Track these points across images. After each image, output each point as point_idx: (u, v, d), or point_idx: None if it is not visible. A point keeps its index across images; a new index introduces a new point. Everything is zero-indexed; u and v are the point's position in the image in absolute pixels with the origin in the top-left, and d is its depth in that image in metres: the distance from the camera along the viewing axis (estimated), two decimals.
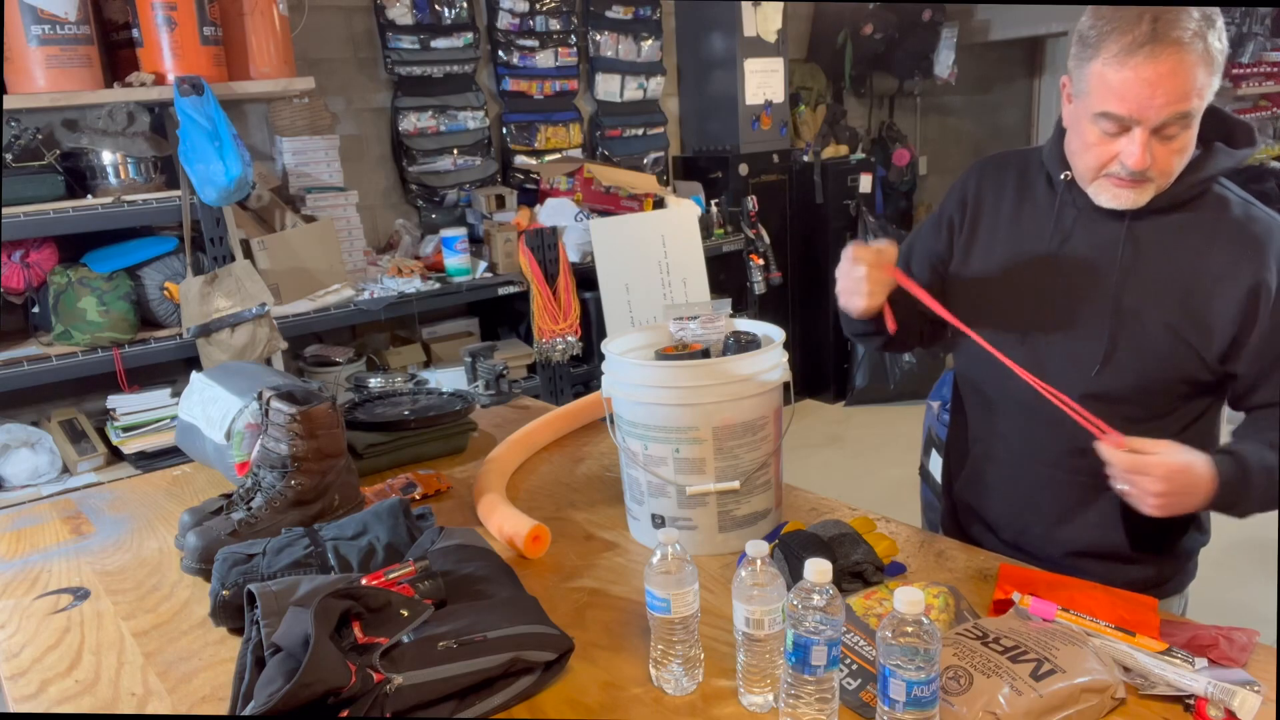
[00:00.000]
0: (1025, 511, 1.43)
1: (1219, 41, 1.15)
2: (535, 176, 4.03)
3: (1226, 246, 1.25)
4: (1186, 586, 1.45)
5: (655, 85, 4.44)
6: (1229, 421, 1.37)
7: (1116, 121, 1.19)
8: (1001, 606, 1.16)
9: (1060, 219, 1.34)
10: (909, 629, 0.88)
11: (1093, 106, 1.20)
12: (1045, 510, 1.40)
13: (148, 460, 2.74)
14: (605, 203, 3.89)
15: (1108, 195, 1.25)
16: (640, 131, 4.46)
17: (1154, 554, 1.38)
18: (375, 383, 2.74)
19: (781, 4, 4.49)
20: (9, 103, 2.54)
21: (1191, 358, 1.26)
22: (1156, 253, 1.27)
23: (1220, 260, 1.25)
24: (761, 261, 4.40)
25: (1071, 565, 1.36)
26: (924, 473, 2.47)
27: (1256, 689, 0.95)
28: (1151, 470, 1.15)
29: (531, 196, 3.99)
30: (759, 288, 4.43)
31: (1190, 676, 0.98)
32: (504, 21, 3.89)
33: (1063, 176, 1.33)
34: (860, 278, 1.30)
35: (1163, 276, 1.27)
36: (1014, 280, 1.37)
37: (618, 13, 4.24)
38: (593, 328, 3.70)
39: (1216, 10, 1.16)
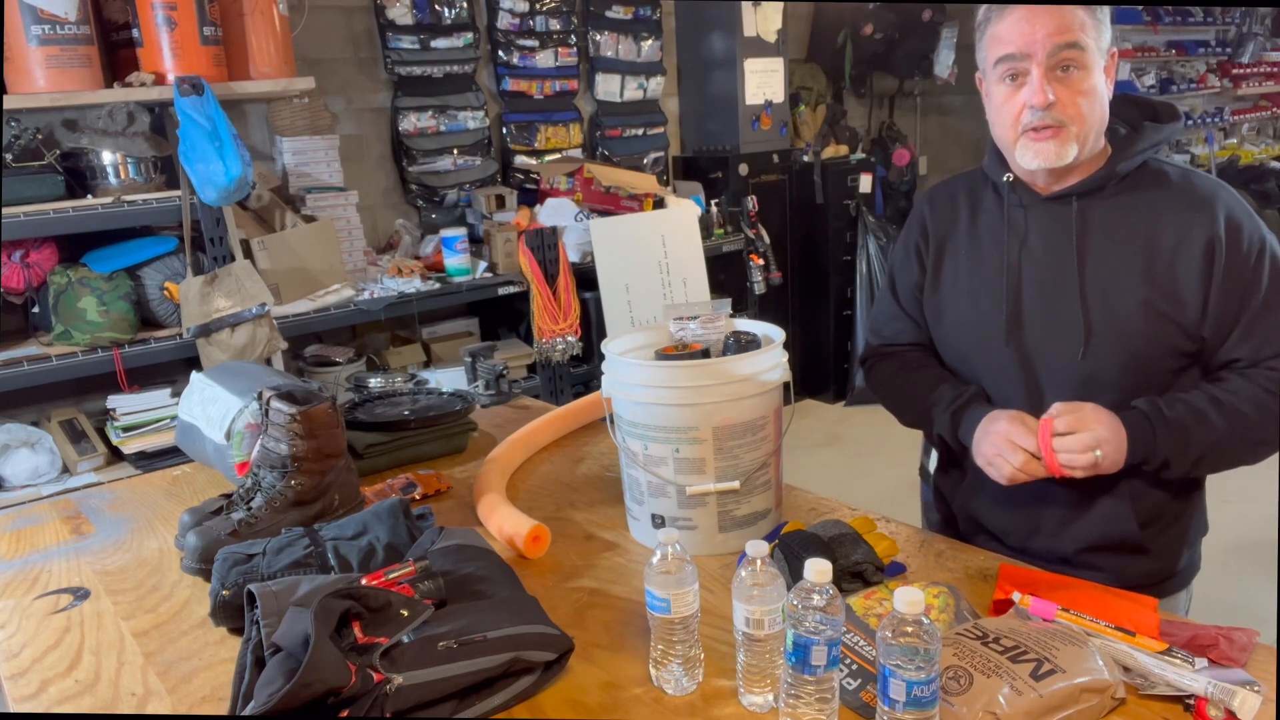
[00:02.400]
0: (1033, 515, 1.42)
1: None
2: (535, 176, 4.03)
3: (1175, 212, 1.29)
4: (1192, 580, 1.46)
5: (655, 85, 4.44)
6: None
7: (1011, 63, 1.25)
8: (1001, 606, 1.16)
9: (1012, 220, 1.37)
10: (909, 629, 0.88)
11: (991, 61, 1.28)
12: (1053, 511, 1.39)
13: (148, 460, 2.74)
14: (605, 203, 3.89)
15: (1031, 153, 1.28)
16: (640, 131, 4.46)
17: (1164, 543, 1.39)
18: (375, 383, 2.74)
19: (781, 4, 4.49)
20: (9, 103, 2.54)
21: (1170, 328, 1.29)
22: (1109, 232, 1.31)
23: (1172, 227, 1.28)
24: (761, 261, 4.40)
25: (1084, 561, 1.37)
26: (924, 472, 2.47)
27: (1256, 689, 0.95)
28: (1087, 415, 1.22)
29: (531, 196, 3.99)
30: (759, 288, 4.43)
31: (1190, 676, 0.98)
32: (504, 21, 3.89)
33: (1005, 179, 1.37)
34: (1016, 468, 1.27)
35: (1121, 254, 1.30)
36: (985, 289, 1.40)
37: (618, 13, 4.24)
38: (593, 328, 3.70)
39: None
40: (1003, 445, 1.28)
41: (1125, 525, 1.36)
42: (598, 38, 4.21)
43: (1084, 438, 1.22)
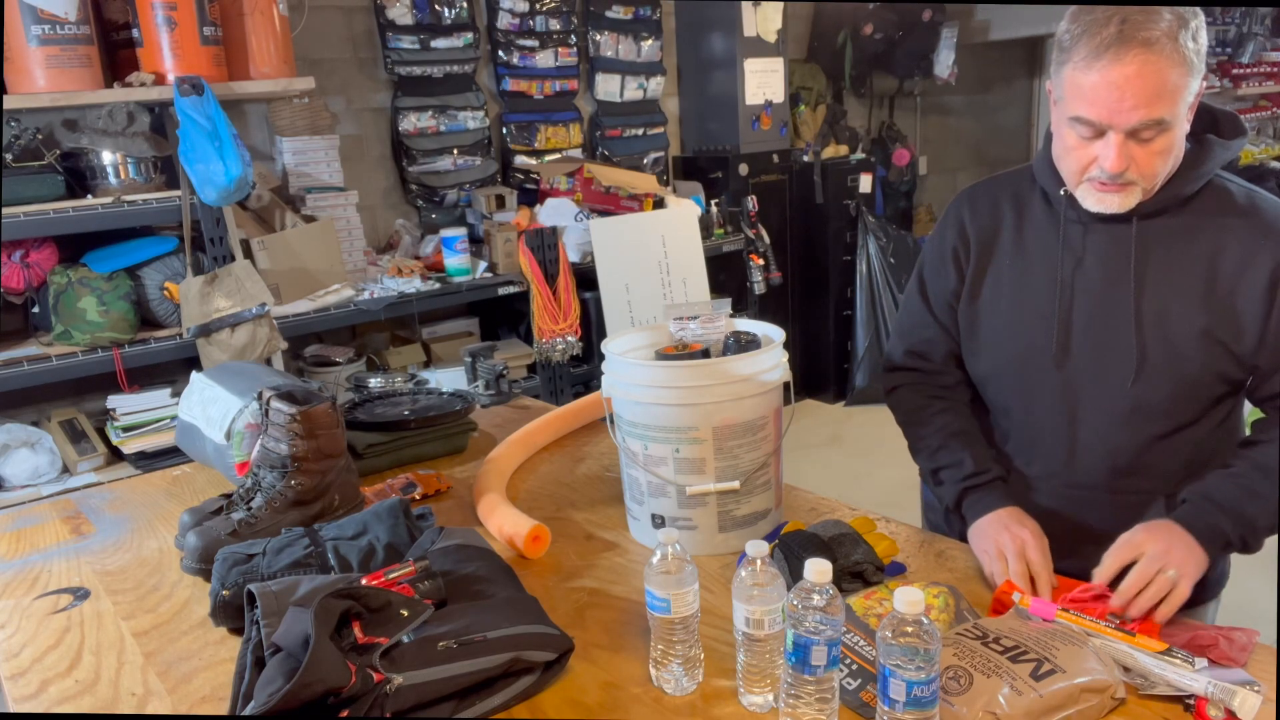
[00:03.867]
0: (1072, 536, 1.32)
1: (1193, 41, 1.12)
2: (535, 176, 4.03)
3: (1240, 236, 1.23)
4: (1221, 591, 1.44)
5: (655, 85, 4.44)
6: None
7: (1090, 126, 1.17)
8: (1001, 607, 1.16)
9: (1067, 238, 1.30)
10: (909, 629, 0.88)
11: (1068, 111, 1.19)
12: (1095, 532, 1.29)
13: (148, 460, 2.74)
14: (605, 203, 3.89)
15: (1093, 199, 1.23)
16: (640, 131, 4.46)
17: None
18: (375, 383, 2.74)
19: (781, 4, 4.49)
20: (9, 103, 2.54)
21: (1224, 355, 1.24)
22: (1170, 254, 1.25)
23: (1236, 251, 1.22)
24: (761, 261, 4.40)
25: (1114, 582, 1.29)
26: (924, 473, 2.45)
27: (1257, 689, 0.95)
28: (1141, 548, 1.15)
29: (531, 196, 3.99)
30: (759, 288, 4.42)
31: (1190, 676, 0.98)
32: (504, 21, 3.89)
33: (1062, 192, 1.29)
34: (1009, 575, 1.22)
35: (1181, 277, 1.24)
36: (1031, 307, 1.33)
37: (618, 13, 4.24)
38: (593, 328, 3.70)
39: (1194, 10, 1.14)
40: (993, 554, 1.25)
41: None
42: (598, 38, 4.21)
43: (1158, 571, 1.13)
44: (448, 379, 2.79)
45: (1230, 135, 1.27)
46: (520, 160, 4.07)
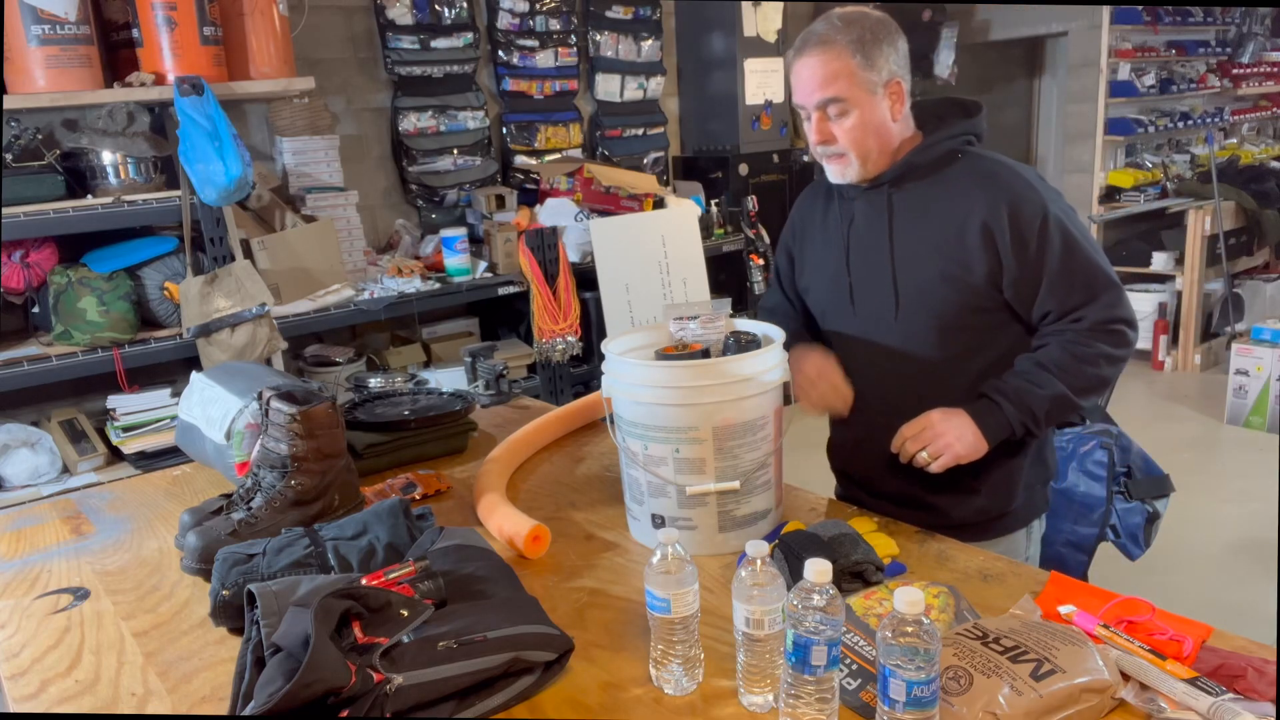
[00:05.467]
0: (881, 459, 1.58)
1: (863, 32, 1.45)
2: (535, 176, 4.03)
3: (961, 192, 1.50)
4: (1032, 522, 1.65)
5: (655, 85, 4.44)
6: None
7: (801, 109, 1.53)
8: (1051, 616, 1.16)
9: (843, 210, 1.62)
10: (909, 629, 0.88)
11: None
12: (896, 456, 1.55)
13: (148, 460, 2.74)
14: (605, 203, 3.89)
15: (829, 171, 1.56)
16: (640, 131, 4.46)
17: (992, 485, 1.57)
18: (375, 383, 2.74)
19: (781, 4, 4.49)
20: (9, 103, 2.54)
21: (964, 289, 1.50)
22: (913, 211, 1.54)
23: (960, 205, 1.49)
24: (761, 261, 4.40)
25: (924, 501, 1.56)
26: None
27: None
28: (926, 425, 1.47)
29: (531, 196, 3.98)
30: (759, 288, 4.42)
31: (1196, 696, 0.97)
32: (504, 21, 3.89)
33: None
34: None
35: (923, 230, 1.52)
36: (831, 267, 1.64)
37: (618, 13, 4.24)
38: (593, 328, 3.70)
39: (889, 26, 1.48)
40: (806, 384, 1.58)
41: (957, 466, 1.51)
42: (598, 38, 4.21)
43: (927, 433, 1.47)
44: (448, 379, 2.79)
45: (974, 114, 1.57)
46: (520, 160, 4.07)
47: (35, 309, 2.77)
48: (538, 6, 3.95)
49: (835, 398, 1.58)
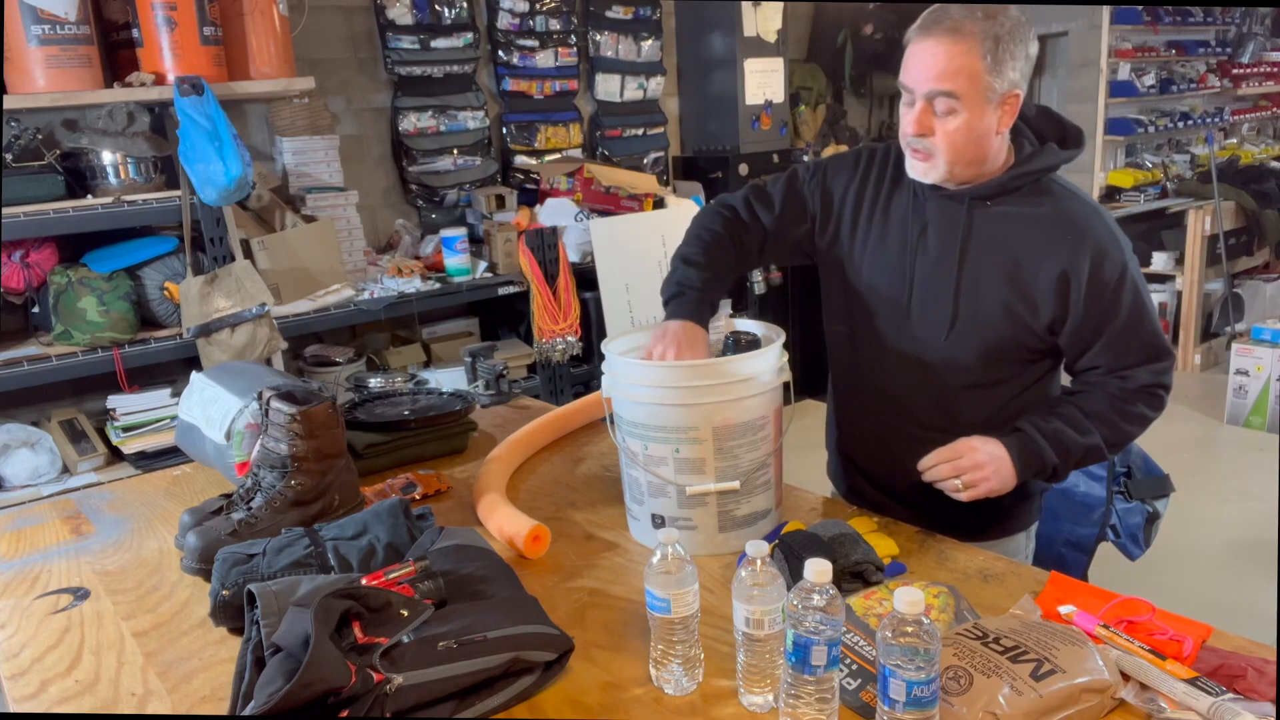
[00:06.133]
0: (892, 458, 1.57)
1: (1002, 45, 1.33)
2: (535, 176, 4.03)
3: (1048, 232, 1.43)
4: (1031, 526, 1.66)
5: (655, 85, 4.44)
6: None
7: (906, 91, 1.41)
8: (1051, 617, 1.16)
9: (917, 208, 1.53)
10: (909, 629, 0.88)
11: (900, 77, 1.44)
12: (905, 455, 1.49)
13: (148, 460, 2.74)
14: (605, 203, 3.89)
15: (909, 165, 1.47)
16: (640, 131, 4.46)
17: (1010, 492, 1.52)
18: (375, 383, 2.74)
19: (781, 4, 4.49)
20: (9, 103, 2.54)
21: (1021, 327, 1.46)
22: (990, 235, 1.47)
23: (1042, 244, 1.43)
24: None
25: (930, 503, 1.48)
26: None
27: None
28: (966, 452, 1.38)
29: (531, 196, 3.98)
30: (759, 288, 4.42)
31: (1196, 696, 0.97)
32: (504, 21, 3.89)
33: None
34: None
35: (995, 257, 1.46)
36: (888, 260, 1.56)
37: (618, 13, 4.24)
38: (593, 328, 3.70)
39: (1023, 22, 1.36)
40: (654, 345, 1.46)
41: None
42: (598, 38, 4.21)
43: (966, 463, 1.39)
44: (448, 379, 2.79)
45: (1070, 147, 1.49)
46: (520, 160, 4.07)
47: (35, 309, 2.77)
48: (538, 6, 3.95)
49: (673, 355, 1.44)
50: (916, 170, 1.46)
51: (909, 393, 1.55)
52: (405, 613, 1.07)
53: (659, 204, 3.96)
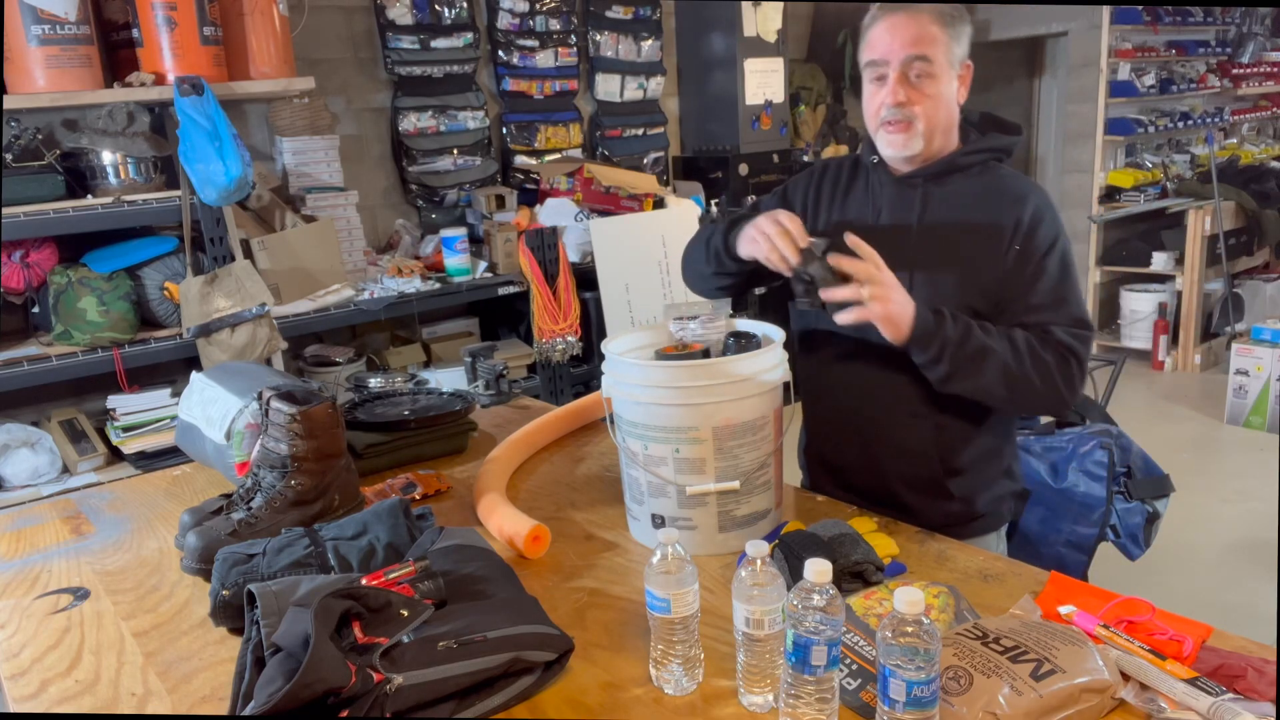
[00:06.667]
0: (863, 453, 1.62)
1: (945, 8, 1.49)
2: (535, 176, 4.03)
3: (991, 198, 1.54)
4: (1002, 527, 1.69)
5: (655, 85, 4.44)
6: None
7: (875, 67, 1.51)
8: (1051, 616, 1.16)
9: (873, 192, 1.62)
10: (909, 629, 0.88)
11: (864, 63, 1.54)
12: (876, 451, 1.60)
13: (148, 460, 2.74)
14: (605, 203, 3.89)
15: (885, 142, 1.54)
16: (640, 131, 4.46)
17: (965, 489, 1.59)
18: (375, 383, 2.74)
19: (781, 4, 4.49)
20: (9, 103, 2.54)
21: (973, 291, 1.52)
22: (942, 212, 1.56)
23: (985, 210, 1.53)
24: None
25: (903, 501, 1.57)
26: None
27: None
28: (884, 274, 1.41)
29: (531, 196, 3.98)
30: (759, 288, 4.42)
31: (1196, 696, 0.97)
32: (504, 21, 3.89)
33: (872, 159, 1.61)
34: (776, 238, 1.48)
35: (945, 229, 1.55)
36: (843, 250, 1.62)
37: (618, 13, 4.24)
38: (593, 328, 3.70)
39: (962, 13, 1.49)
40: (754, 235, 1.51)
41: (931, 468, 1.57)
42: (598, 38, 4.21)
43: (882, 276, 1.40)
44: (448, 379, 2.79)
45: (1011, 134, 1.61)
46: (520, 160, 4.07)
47: (35, 309, 2.77)
48: (538, 6, 3.95)
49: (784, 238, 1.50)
50: (895, 145, 1.52)
51: (868, 380, 1.59)
52: (405, 613, 1.07)
53: (659, 204, 3.96)
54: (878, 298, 1.39)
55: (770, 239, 1.46)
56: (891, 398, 1.57)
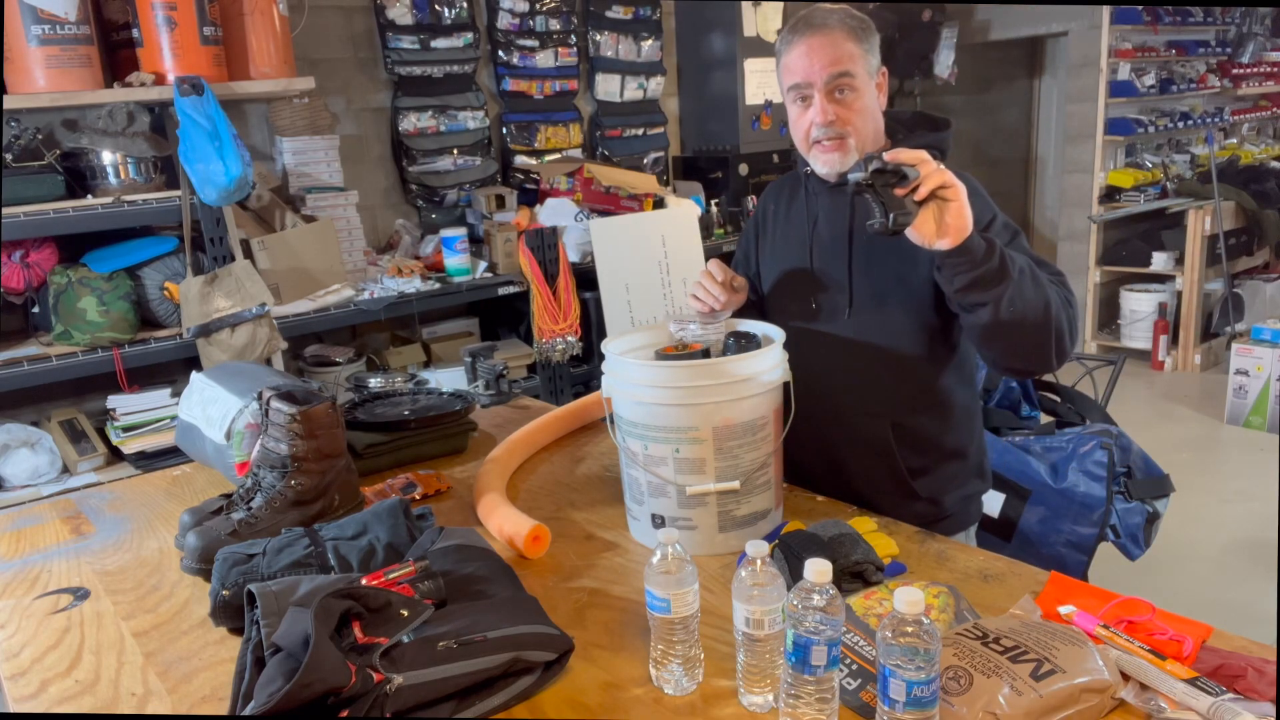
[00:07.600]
0: (834, 462, 1.64)
1: (852, 21, 1.51)
2: (535, 176, 4.03)
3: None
4: (970, 527, 1.71)
5: (655, 85, 4.44)
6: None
7: (798, 89, 1.52)
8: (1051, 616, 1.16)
9: (809, 205, 1.67)
10: (909, 629, 0.88)
11: (785, 87, 1.55)
12: (844, 456, 1.63)
13: (148, 460, 2.74)
14: (605, 203, 3.89)
15: (820, 162, 1.55)
16: (640, 131, 4.46)
17: (931, 489, 1.63)
18: (375, 383, 2.74)
19: (781, 4, 4.49)
20: (9, 103, 2.54)
21: (912, 288, 1.54)
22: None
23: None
24: None
25: (875, 503, 1.56)
26: None
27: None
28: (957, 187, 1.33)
29: (531, 196, 3.98)
30: None
31: (1196, 696, 0.97)
32: (504, 21, 3.89)
33: (805, 171, 1.65)
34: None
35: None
36: (790, 260, 1.70)
37: (618, 13, 4.24)
38: (593, 328, 3.70)
39: (869, 27, 1.53)
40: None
41: (893, 467, 1.60)
42: (598, 38, 4.21)
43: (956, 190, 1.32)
44: (448, 379, 2.79)
45: (942, 129, 1.63)
46: (520, 160, 4.07)
47: (35, 309, 2.77)
48: (538, 6, 3.95)
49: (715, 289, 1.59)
50: (830, 164, 1.54)
51: (830, 380, 1.60)
52: (405, 613, 1.07)
53: (659, 204, 3.96)
54: (950, 182, 1.31)
55: (697, 297, 1.59)
56: (847, 397, 1.60)
